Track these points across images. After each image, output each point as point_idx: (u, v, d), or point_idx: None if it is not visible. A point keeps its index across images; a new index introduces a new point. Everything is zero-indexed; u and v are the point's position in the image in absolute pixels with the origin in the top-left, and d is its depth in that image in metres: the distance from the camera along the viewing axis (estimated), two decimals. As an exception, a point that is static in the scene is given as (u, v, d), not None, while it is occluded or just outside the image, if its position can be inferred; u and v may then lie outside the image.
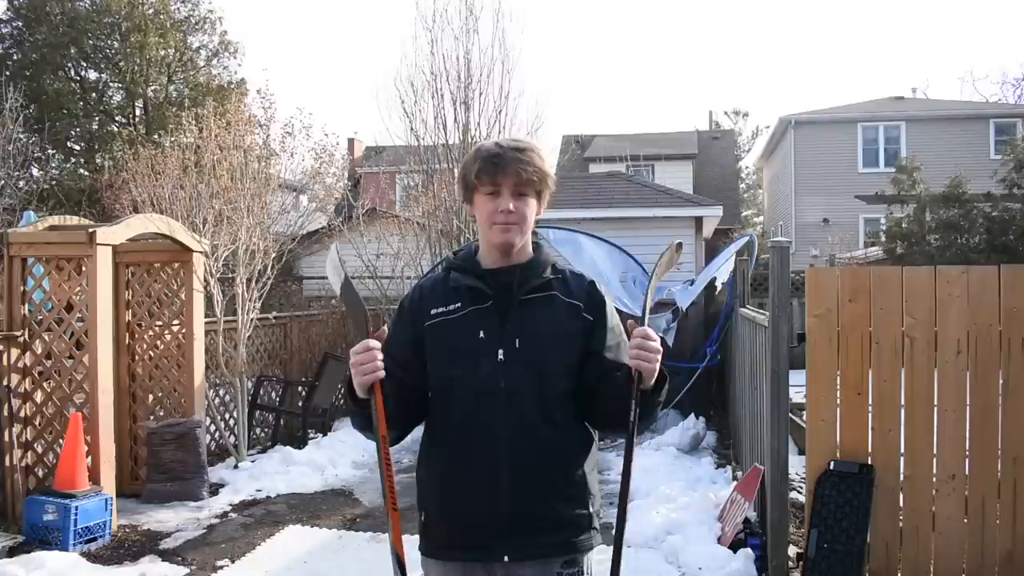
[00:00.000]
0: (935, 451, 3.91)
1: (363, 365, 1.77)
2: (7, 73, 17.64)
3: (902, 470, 3.94)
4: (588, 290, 1.96)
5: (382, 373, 1.78)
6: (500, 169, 1.86)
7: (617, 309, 2.03)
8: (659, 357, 1.78)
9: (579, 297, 1.93)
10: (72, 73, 21.43)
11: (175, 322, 6.28)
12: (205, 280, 6.46)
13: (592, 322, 1.93)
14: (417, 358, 1.92)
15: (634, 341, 1.78)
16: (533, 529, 1.86)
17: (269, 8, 66.91)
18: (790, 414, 4.29)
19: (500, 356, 1.87)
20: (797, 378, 4.22)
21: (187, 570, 4.60)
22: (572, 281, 1.96)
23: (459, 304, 1.92)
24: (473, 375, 1.86)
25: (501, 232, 1.88)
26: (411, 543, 2.03)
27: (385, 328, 1.86)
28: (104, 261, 5.16)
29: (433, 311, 1.93)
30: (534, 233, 2.00)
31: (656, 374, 1.79)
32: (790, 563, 4.17)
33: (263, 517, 5.63)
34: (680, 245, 2.03)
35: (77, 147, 21.26)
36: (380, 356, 1.78)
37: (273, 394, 8.11)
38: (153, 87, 21.59)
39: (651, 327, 1.83)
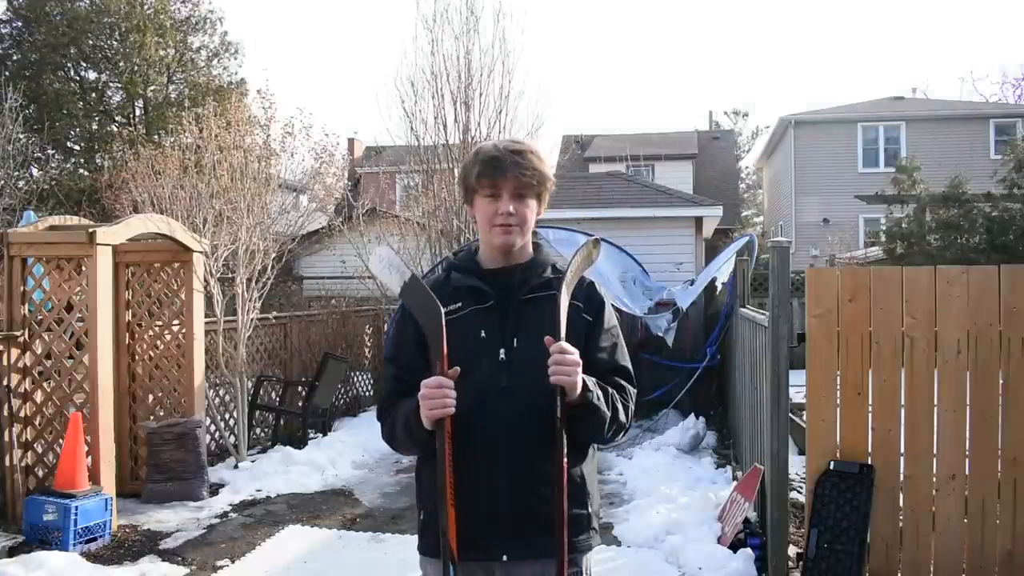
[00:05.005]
0: (935, 451, 3.91)
1: (433, 400, 1.75)
2: (7, 73, 17.67)
3: (902, 470, 3.93)
4: (587, 291, 1.97)
5: (452, 409, 1.76)
6: (499, 172, 1.88)
7: (617, 308, 2.01)
8: (578, 369, 1.75)
9: (578, 297, 1.94)
10: (72, 73, 21.44)
11: (175, 322, 6.27)
12: (205, 280, 6.46)
13: (590, 323, 1.94)
14: (423, 359, 1.90)
15: (552, 357, 1.74)
16: (531, 529, 1.85)
17: (269, 8, 66.99)
18: (790, 414, 4.29)
19: (501, 356, 1.88)
20: (797, 378, 4.21)
21: (187, 570, 4.60)
22: None
23: (460, 304, 1.93)
24: (474, 375, 1.86)
25: (502, 234, 1.91)
26: (411, 543, 2.03)
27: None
28: (104, 261, 5.16)
29: None
30: (534, 233, 2.01)
31: (579, 387, 1.76)
32: (790, 563, 4.17)
33: (263, 517, 5.62)
34: (598, 241, 1.97)
35: (77, 147, 21.26)
36: (453, 394, 1.76)
37: (273, 394, 8.11)
38: (153, 87, 21.61)
39: (652, 327, 1.82)
